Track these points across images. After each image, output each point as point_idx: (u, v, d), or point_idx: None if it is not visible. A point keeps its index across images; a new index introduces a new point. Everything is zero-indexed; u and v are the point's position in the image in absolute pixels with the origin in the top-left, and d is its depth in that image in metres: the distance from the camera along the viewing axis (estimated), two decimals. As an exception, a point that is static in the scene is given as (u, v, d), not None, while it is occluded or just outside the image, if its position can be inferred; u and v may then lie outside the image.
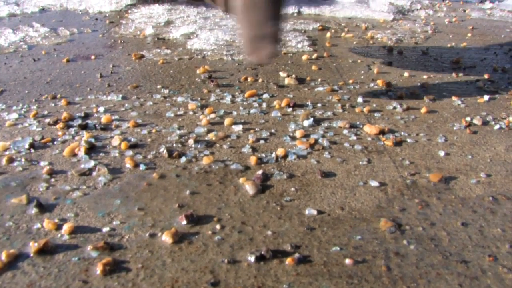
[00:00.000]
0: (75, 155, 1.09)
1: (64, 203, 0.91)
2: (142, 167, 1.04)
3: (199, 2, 1.59)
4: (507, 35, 2.41)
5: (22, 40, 2.03)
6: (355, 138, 1.21)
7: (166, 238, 0.82)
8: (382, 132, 1.24)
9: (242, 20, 1.30)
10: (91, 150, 1.11)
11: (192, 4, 1.57)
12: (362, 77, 1.67)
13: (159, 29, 2.28)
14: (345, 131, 1.24)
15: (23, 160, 1.06)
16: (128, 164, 1.05)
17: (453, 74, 1.73)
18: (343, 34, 2.30)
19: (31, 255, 0.77)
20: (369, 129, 1.24)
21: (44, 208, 0.90)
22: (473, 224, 0.90)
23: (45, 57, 1.81)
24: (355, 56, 1.93)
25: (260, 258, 0.77)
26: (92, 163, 1.05)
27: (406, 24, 2.56)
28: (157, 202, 0.93)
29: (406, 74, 1.71)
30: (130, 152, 1.10)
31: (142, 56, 1.84)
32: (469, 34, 2.38)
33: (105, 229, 0.84)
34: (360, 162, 1.10)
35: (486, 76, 1.71)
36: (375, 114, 1.36)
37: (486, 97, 1.51)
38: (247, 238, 0.83)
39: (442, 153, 1.15)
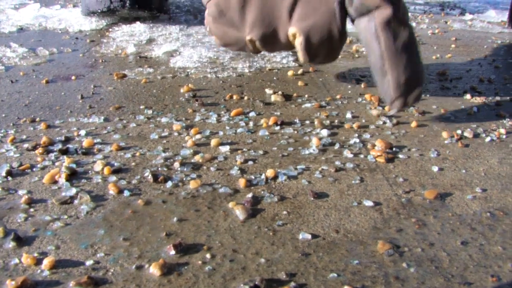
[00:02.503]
0: (55, 182, 1.04)
1: (44, 235, 0.86)
2: (126, 193, 0.99)
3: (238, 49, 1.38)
4: (489, 46, 2.42)
5: (-1, 61, 1.97)
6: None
7: (153, 270, 0.77)
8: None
9: (391, 65, 1.20)
10: (73, 176, 1.06)
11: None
12: (349, 91, 1.65)
13: (141, 47, 2.24)
14: (335, 149, 1.21)
15: (-1, 189, 1.01)
16: (112, 191, 1.00)
17: (440, 86, 1.72)
18: (327, 48, 2.28)
19: (8, 294, 0.72)
20: (360, 146, 1.21)
21: (22, 241, 0.84)
22: (472, 242, 0.87)
23: (23, 78, 1.76)
24: (341, 70, 1.91)
25: (254, 289, 0.73)
26: (73, 190, 1.00)
27: (390, 37, 2.55)
28: (143, 231, 0.88)
29: (393, 87, 1.69)
30: (114, 178, 1.05)
31: (124, 76, 1.79)
32: (453, 45, 2.39)
33: (89, 262, 0.79)
34: (353, 181, 1.07)
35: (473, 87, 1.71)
36: (365, 130, 1.33)
37: (475, 109, 1.50)
38: (240, 267, 0.79)
39: (435, 169, 1.13)
